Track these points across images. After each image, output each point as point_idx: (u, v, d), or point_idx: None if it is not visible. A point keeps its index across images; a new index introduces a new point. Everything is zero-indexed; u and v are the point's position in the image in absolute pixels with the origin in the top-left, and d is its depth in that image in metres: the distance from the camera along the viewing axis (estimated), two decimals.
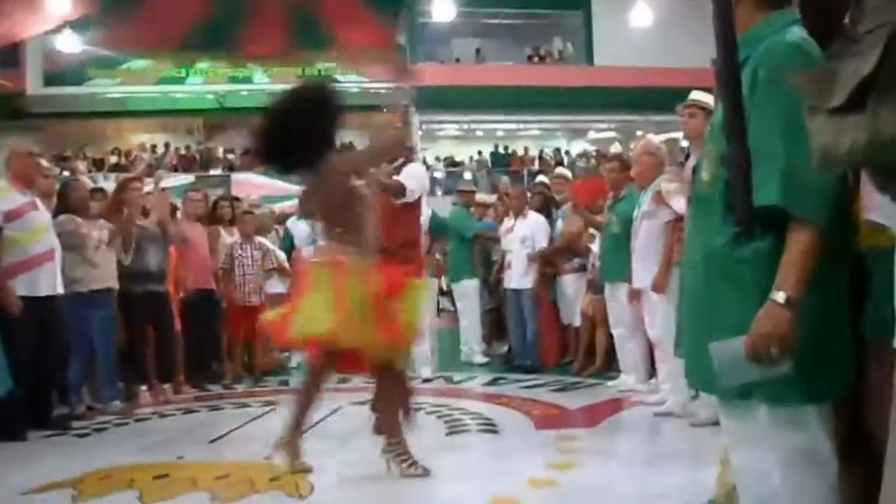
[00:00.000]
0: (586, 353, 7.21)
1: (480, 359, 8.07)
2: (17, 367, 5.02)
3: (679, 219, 5.08)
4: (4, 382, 4.86)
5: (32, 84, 19.83)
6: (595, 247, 6.69)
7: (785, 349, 1.70)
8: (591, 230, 6.77)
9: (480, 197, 9.45)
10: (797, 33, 1.86)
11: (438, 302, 10.52)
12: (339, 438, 4.74)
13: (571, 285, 7.28)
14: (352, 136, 21.05)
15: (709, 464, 3.63)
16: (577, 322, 7.27)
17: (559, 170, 9.80)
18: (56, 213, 5.78)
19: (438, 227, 7.92)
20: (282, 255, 7.88)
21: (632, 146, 9.16)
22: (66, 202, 5.89)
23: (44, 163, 6.97)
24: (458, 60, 22.63)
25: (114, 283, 5.92)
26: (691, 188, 2.15)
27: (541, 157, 21.69)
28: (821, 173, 1.66)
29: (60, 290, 5.44)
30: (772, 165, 1.72)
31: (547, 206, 7.72)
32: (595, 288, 6.74)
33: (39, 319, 5.21)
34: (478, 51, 22.84)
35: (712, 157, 1.91)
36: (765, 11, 1.92)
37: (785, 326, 1.69)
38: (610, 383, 6.34)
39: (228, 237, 7.45)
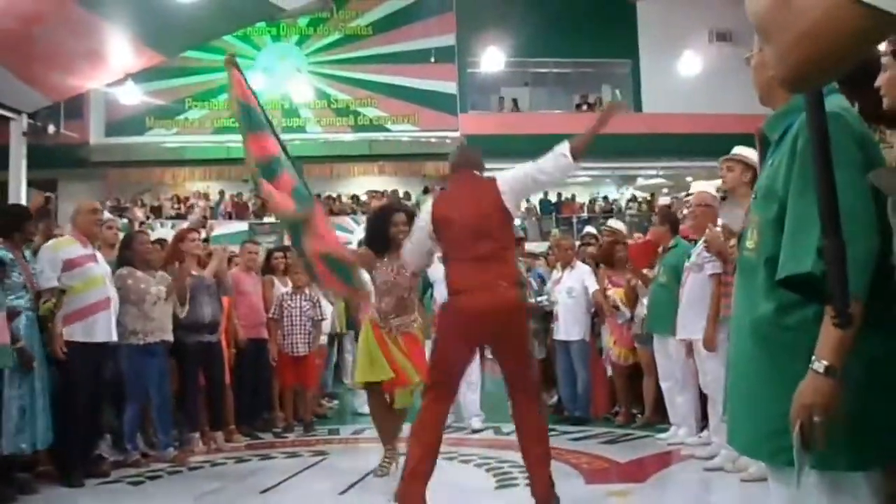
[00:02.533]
0: (629, 404, 7.18)
1: None
2: (73, 414, 5.20)
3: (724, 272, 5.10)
4: (45, 437, 5.02)
5: (95, 134, 20.49)
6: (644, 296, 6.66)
7: (829, 418, 1.69)
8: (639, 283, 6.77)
9: (529, 247, 9.36)
10: (836, 102, 1.88)
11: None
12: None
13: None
14: (404, 184, 21.35)
15: None
16: (609, 372, 7.30)
17: (611, 222, 9.72)
18: (118, 264, 5.94)
19: None
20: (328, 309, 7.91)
21: (682, 194, 9.14)
22: (128, 253, 6.03)
23: (106, 215, 7.22)
24: (509, 107, 22.87)
25: (168, 336, 6.03)
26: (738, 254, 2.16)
27: (590, 204, 21.69)
28: (858, 243, 1.67)
29: (115, 337, 5.59)
30: (806, 235, 1.73)
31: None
32: (642, 339, 6.71)
33: (95, 365, 5.37)
34: (517, 101, 23.00)
35: (757, 225, 1.92)
36: None
37: (827, 395, 1.68)
38: (660, 436, 6.27)
39: (282, 287, 7.57)
